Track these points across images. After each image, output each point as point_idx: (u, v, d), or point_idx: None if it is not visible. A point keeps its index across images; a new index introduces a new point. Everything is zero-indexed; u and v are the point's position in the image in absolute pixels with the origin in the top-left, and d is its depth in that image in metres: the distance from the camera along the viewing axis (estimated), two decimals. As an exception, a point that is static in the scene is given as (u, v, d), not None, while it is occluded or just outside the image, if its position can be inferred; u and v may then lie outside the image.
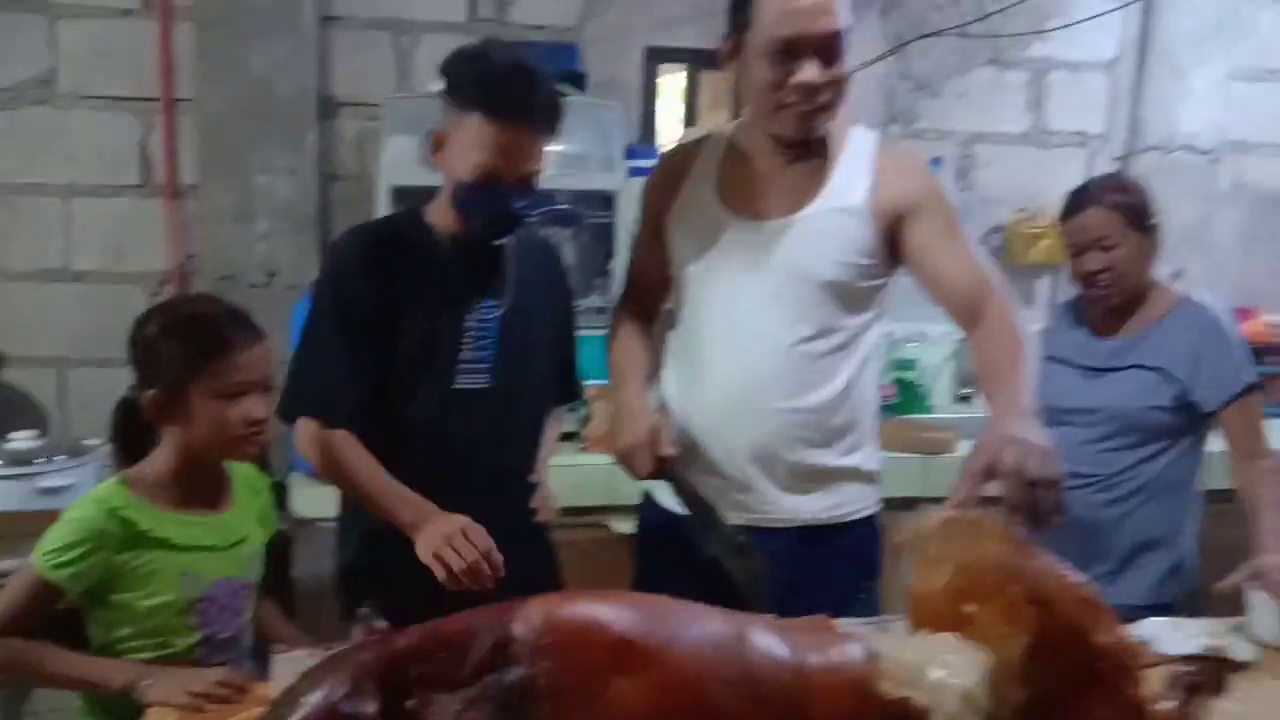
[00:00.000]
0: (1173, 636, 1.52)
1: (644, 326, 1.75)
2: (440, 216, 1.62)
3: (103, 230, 2.80)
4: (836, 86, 1.47)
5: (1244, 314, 3.42)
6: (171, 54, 2.74)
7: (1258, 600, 1.59)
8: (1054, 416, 2.02)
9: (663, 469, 1.54)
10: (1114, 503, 1.94)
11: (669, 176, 1.66)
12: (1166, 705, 1.14)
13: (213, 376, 1.41)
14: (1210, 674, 1.19)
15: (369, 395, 1.57)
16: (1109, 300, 1.96)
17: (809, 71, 1.44)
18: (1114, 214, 1.92)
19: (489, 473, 1.65)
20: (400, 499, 1.50)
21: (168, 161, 2.78)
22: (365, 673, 0.89)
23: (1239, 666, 1.30)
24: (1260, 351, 3.30)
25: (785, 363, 1.54)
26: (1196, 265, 3.42)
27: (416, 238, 1.62)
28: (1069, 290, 3.36)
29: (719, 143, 1.63)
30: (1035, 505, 1.13)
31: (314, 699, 0.87)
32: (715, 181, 1.60)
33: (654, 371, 1.71)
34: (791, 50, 1.43)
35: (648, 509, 1.74)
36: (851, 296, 1.54)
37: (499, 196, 1.54)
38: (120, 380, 2.77)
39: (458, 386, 1.60)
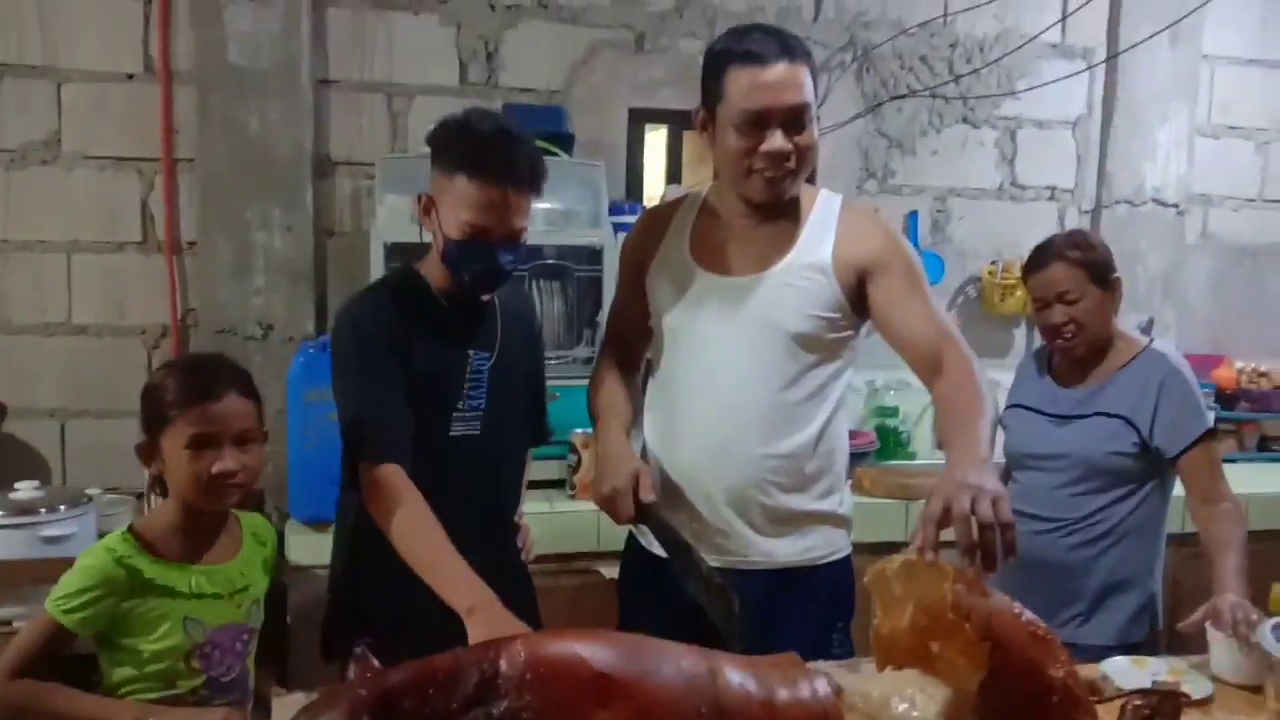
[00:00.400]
0: (1133, 673, 1.59)
1: (626, 374, 1.82)
2: (433, 273, 1.70)
3: (104, 285, 2.87)
4: (802, 154, 1.56)
5: (1214, 361, 3.51)
6: (173, 115, 2.84)
7: (1216, 638, 1.65)
8: (1022, 462, 2.11)
9: (643, 513, 1.58)
10: (1083, 545, 2.00)
11: (648, 233, 1.75)
12: (1120, 737, 1.21)
13: (178, 426, 1.48)
14: (1163, 707, 1.26)
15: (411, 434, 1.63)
16: (1074, 351, 2.04)
17: (775, 141, 1.53)
18: (1076, 269, 2.00)
19: (481, 517, 1.71)
20: (457, 577, 1.44)
21: (168, 218, 2.86)
22: (360, 707, 0.95)
23: (1191, 700, 1.36)
24: (1231, 397, 3.41)
25: (758, 411, 1.61)
26: (1168, 313, 3.52)
27: (417, 294, 1.70)
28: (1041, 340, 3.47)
29: (694, 203, 1.73)
30: (987, 547, 1.19)
31: (314, 732, 0.94)
32: (689, 239, 1.69)
33: (635, 418, 1.78)
34: (759, 122, 1.53)
35: (630, 551, 1.81)
36: (820, 347, 1.62)
37: (487, 252, 1.62)
38: (120, 431, 2.85)
39: (453, 434, 1.68)
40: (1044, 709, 1.10)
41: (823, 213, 1.65)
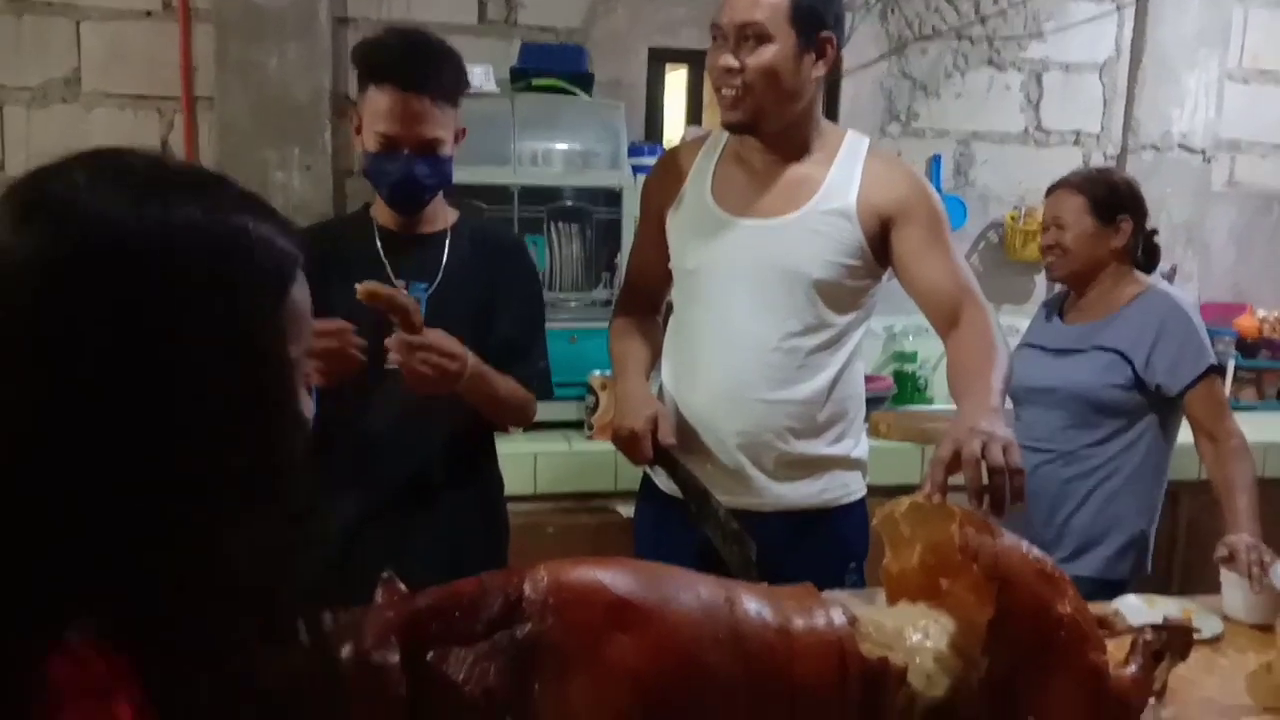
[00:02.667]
0: (1145, 611, 1.61)
1: (645, 318, 1.82)
2: (379, 208, 1.71)
3: (125, 225, 2.89)
4: (750, 80, 1.53)
5: (1236, 309, 3.49)
6: (191, 54, 2.83)
7: (1229, 579, 1.67)
8: (1020, 396, 2.15)
9: (661, 456, 1.60)
10: (1076, 479, 2.04)
11: (668, 175, 1.74)
12: (1131, 669, 1.23)
13: None
14: (1173, 642, 1.27)
15: None
16: (1052, 274, 2.15)
17: (718, 56, 1.54)
18: (1076, 197, 2.07)
19: (416, 451, 1.69)
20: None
21: (188, 157, 2.86)
22: (388, 628, 0.98)
23: (1202, 636, 1.38)
24: (1252, 346, 3.39)
25: (773, 358, 1.61)
26: (1190, 262, 3.49)
27: (354, 231, 1.71)
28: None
29: (717, 144, 1.71)
30: (996, 491, 1.20)
31: (344, 651, 0.96)
32: (711, 181, 1.68)
33: (655, 361, 1.79)
34: (716, 36, 1.55)
35: (645, 490, 1.83)
36: (840, 295, 1.61)
37: (400, 164, 1.59)
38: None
39: (389, 366, 1.56)
40: (1052, 645, 1.11)
41: (849, 156, 1.63)
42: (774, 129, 1.60)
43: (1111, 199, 2.08)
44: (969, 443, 1.22)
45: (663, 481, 1.73)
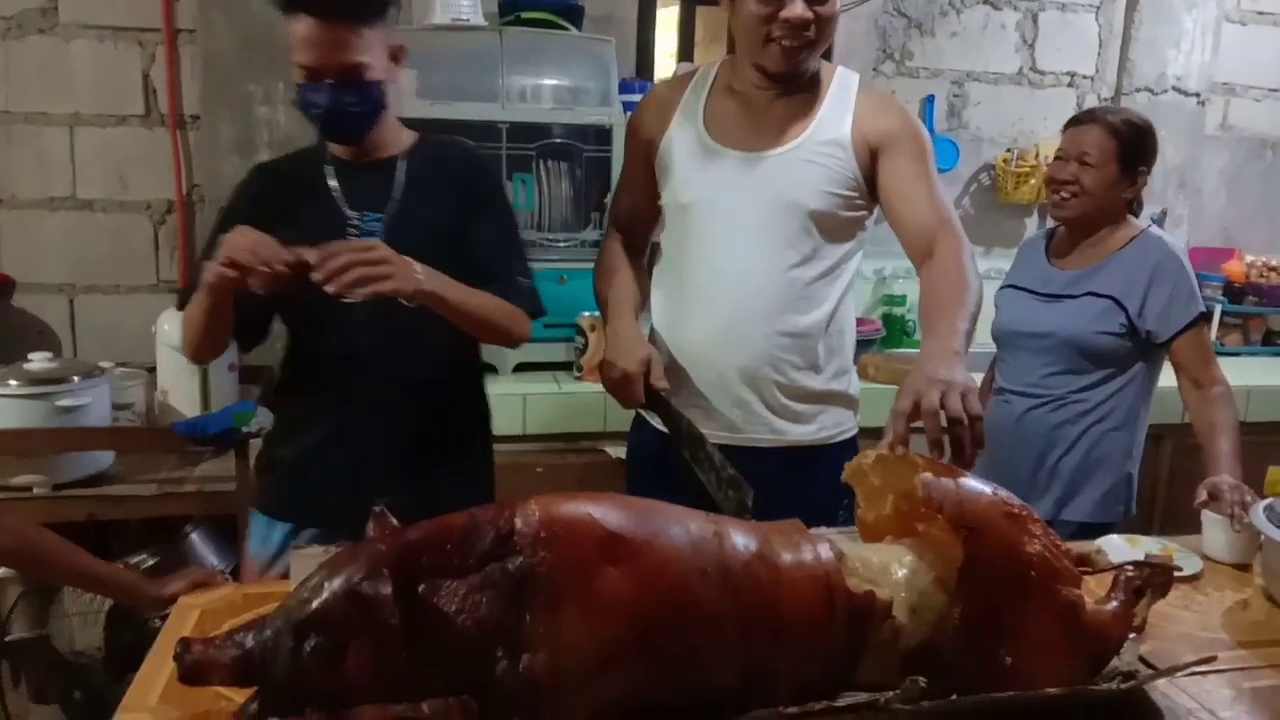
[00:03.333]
0: (1126, 549, 1.63)
1: (632, 259, 1.80)
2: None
3: (107, 159, 2.84)
4: (822, 24, 1.53)
5: (1224, 254, 3.50)
6: (172, -16, 2.77)
7: (1209, 518, 1.69)
8: (1010, 340, 2.14)
9: (653, 400, 1.59)
10: (1065, 423, 2.05)
11: (656, 111, 1.72)
12: (1112, 605, 1.25)
13: None
14: (1154, 579, 1.29)
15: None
16: (1059, 213, 2.06)
17: (796, 8, 1.50)
18: (1110, 139, 1.99)
19: (382, 383, 1.67)
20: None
21: (171, 92, 2.81)
22: (380, 560, 0.98)
23: (1180, 573, 1.40)
24: (1239, 291, 3.40)
25: (773, 289, 1.61)
26: (1181, 205, 3.49)
27: (307, 166, 1.68)
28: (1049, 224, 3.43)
29: (706, 78, 1.69)
30: (956, 441, 1.20)
31: (336, 583, 0.97)
32: (703, 115, 1.66)
33: (643, 303, 1.77)
34: None
35: (637, 430, 1.83)
36: (835, 226, 1.61)
37: (324, 93, 1.55)
38: (129, 307, 2.87)
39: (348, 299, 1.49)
40: (1024, 585, 1.12)
41: (841, 88, 1.63)
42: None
43: (1139, 148, 2.01)
44: (927, 394, 1.21)
45: (654, 418, 1.74)
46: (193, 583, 1.40)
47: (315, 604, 0.96)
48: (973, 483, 1.16)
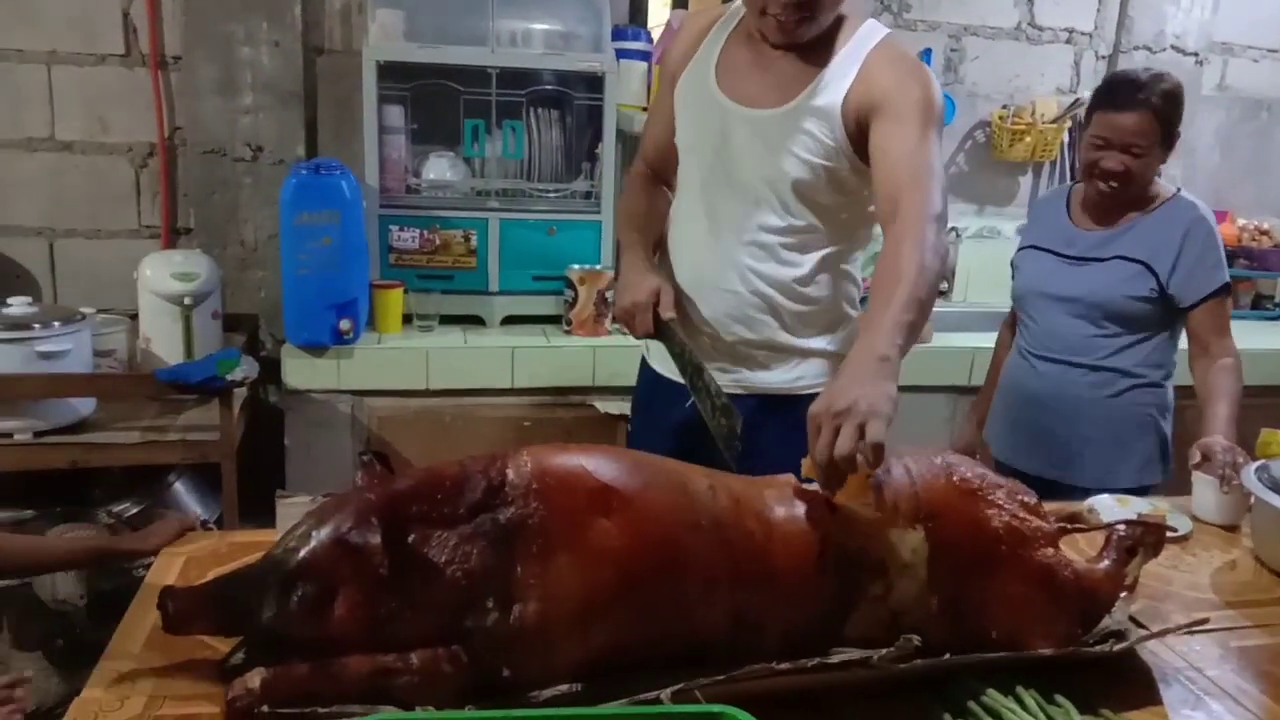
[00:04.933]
0: (1117, 510, 1.63)
1: (654, 188, 1.80)
2: None
3: (86, 100, 2.76)
4: (817, 3, 1.46)
5: (1217, 216, 3.47)
6: (152, -81, 2.68)
7: (1200, 479, 1.70)
8: (1036, 302, 2.07)
9: (661, 330, 1.61)
10: (1099, 386, 1.99)
11: (685, 43, 1.69)
12: (1104, 564, 1.25)
13: None
14: (1147, 537, 1.29)
15: None
16: (1109, 198, 1.96)
17: None
18: (1157, 125, 1.88)
19: None
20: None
21: (151, 32, 2.73)
22: (369, 509, 0.96)
23: (1174, 533, 1.40)
24: (1231, 255, 3.38)
25: (746, 249, 1.59)
26: (1174, 166, 3.45)
27: None
28: (1049, 187, 3.41)
29: (732, 19, 1.63)
30: (838, 478, 1.11)
31: (323, 532, 0.95)
32: (716, 61, 1.62)
33: (661, 233, 1.76)
34: None
35: (642, 372, 1.84)
36: (818, 196, 1.56)
37: None
38: (110, 251, 2.81)
39: None
40: (996, 560, 1.11)
41: (854, 50, 1.53)
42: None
43: (1178, 117, 1.91)
44: (824, 428, 1.11)
45: (656, 361, 1.74)
46: (174, 534, 1.38)
47: (303, 553, 0.95)
48: (927, 464, 1.14)
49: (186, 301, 2.38)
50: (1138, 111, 1.87)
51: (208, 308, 2.43)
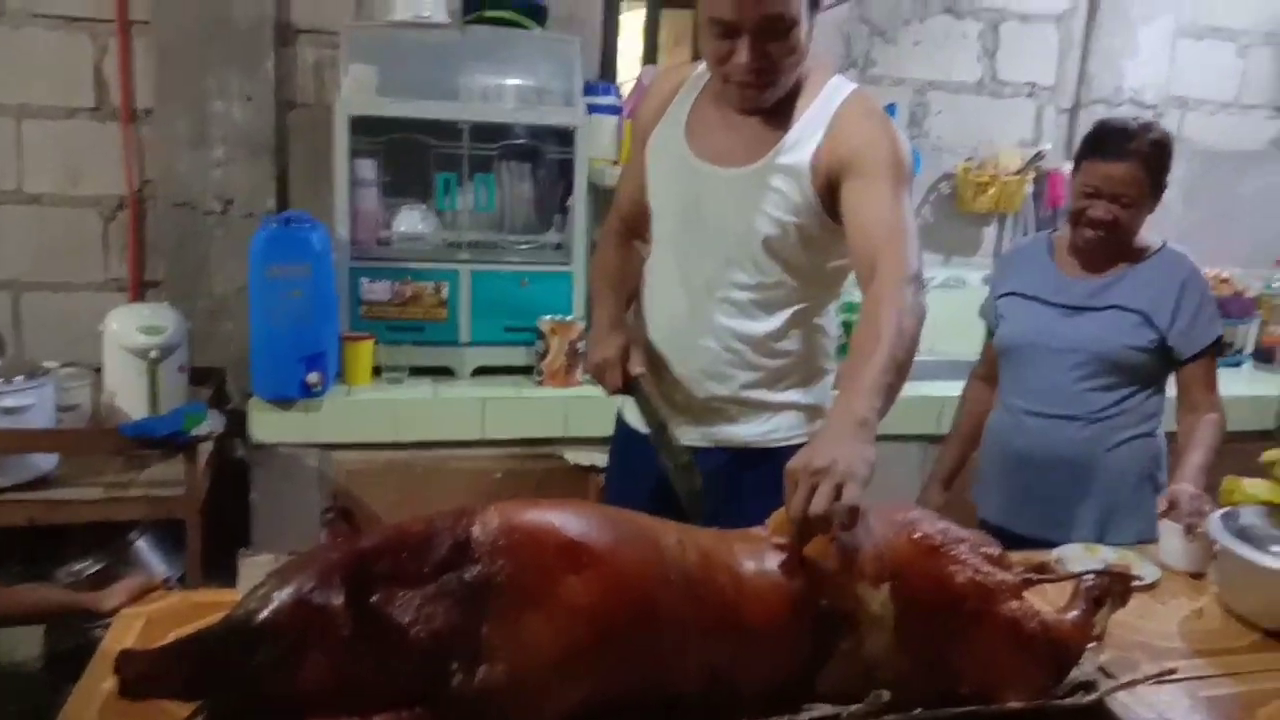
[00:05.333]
0: (1085, 559, 1.64)
1: (627, 244, 1.81)
2: None
3: (56, 153, 2.75)
4: (776, 65, 1.47)
5: (1179, 265, 3.54)
6: (126, -26, 2.70)
7: (1167, 527, 1.70)
8: (1025, 353, 2.01)
9: (630, 385, 1.62)
10: (1093, 440, 1.95)
11: (654, 100, 1.70)
12: (1073, 614, 1.25)
13: None
14: (1114, 588, 1.29)
15: None
16: (1098, 247, 1.93)
17: (741, 55, 1.44)
18: (1146, 174, 1.86)
19: None
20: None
21: (123, 85, 2.73)
22: (332, 569, 0.95)
23: (1140, 582, 1.41)
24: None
25: (716, 305, 1.60)
26: (1136, 217, 3.53)
27: None
28: (1014, 238, 3.47)
29: (701, 80, 1.65)
30: (810, 537, 1.11)
31: (285, 592, 0.94)
32: (686, 119, 1.63)
33: (635, 288, 1.76)
34: (727, 31, 1.44)
35: (618, 425, 1.84)
36: (790, 254, 1.57)
37: None
38: (77, 304, 2.79)
39: None
40: (962, 617, 1.11)
41: (821, 107, 1.54)
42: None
43: (1166, 166, 1.88)
44: (800, 488, 1.11)
45: (631, 414, 1.74)
46: (135, 593, 1.35)
47: (264, 614, 0.93)
48: (889, 523, 1.15)
49: (153, 355, 2.35)
50: (1126, 161, 1.85)
51: (174, 361, 2.41)
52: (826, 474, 1.10)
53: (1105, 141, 1.90)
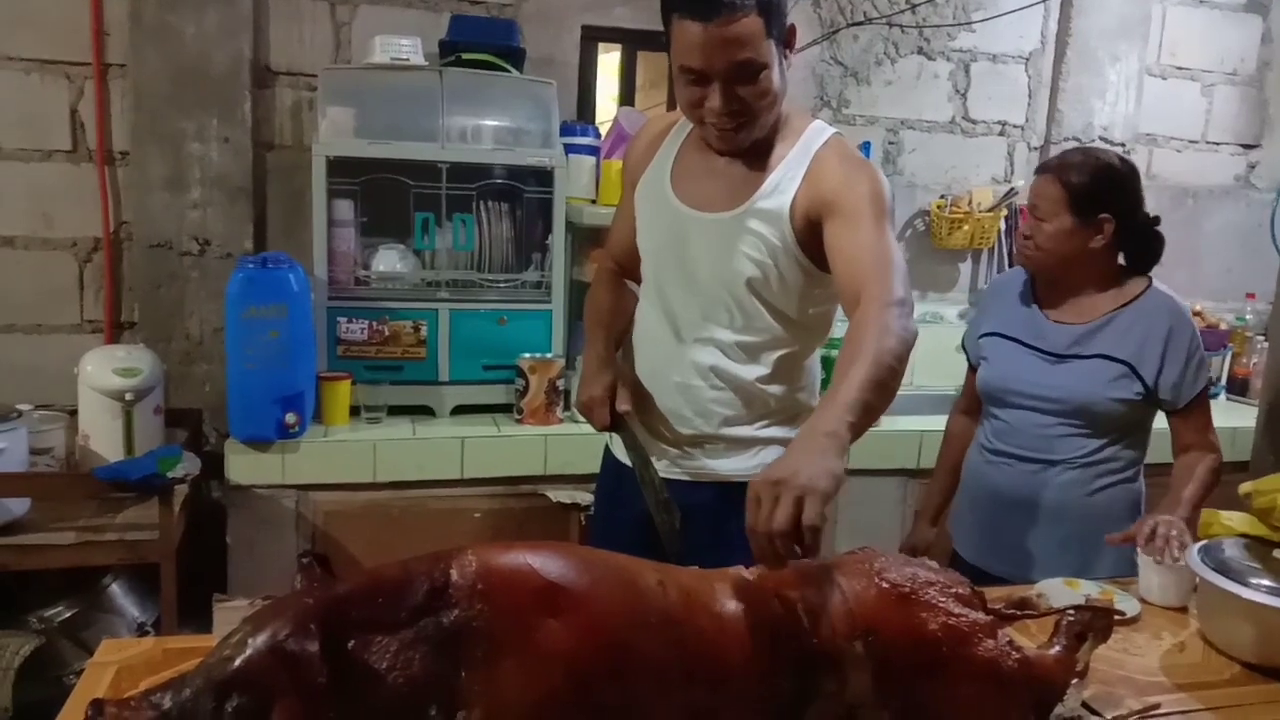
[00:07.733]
0: (1066, 593, 1.64)
1: (618, 283, 1.84)
2: None
3: (31, 195, 2.74)
4: (749, 108, 1.49)
5: (1151, 299, 3.59)
6: (103, 17, 2.70)
7: (1144, 561, 1.71)
8: (1007, 399, 1.98)
9: (618, 423, 1.65)
10: (1074, 485, 1.93)
11: (643, 146, 1.73)
12: (1055, 650, 1.25)
13: None
14: (1096, 623, 1.29)
15: None
16: (1027, 264, 1.96)
17: (714, 100, 1.47)
18: (1057, 190, 1.86)
19: None
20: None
21: (99, 127, 2.73)
22: (307, 615, 0.93)
23: (1121, 616, 1.41)
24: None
25: (703, 348, 1.62)
26: (1108, 252, 3.58)
27: None
28: (988, 274, 3.51)
29: (686, 126, 1.67)
30: (773, 554, 1.09)
31: (259, 639, 0.92)
32: (672, 164, 1.66)
33: (626, 326, 1.79)
34: (700, 79, 1.46)
35: (605, 458, 1.85)
36: (773, 297, 1.58)
37: None
38: (51, 348, 2.76)
39: None
40: (940, 663, 1.10)
41: (801, 152, 1.56)
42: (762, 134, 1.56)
43: (1092, 191, 1.85)
44: (762, 503, 1.10)
45: (618, 450, 1.76)
46: None
47: (238, 661, 0.91)
48: (856, 574, 1.12)
49: (128, 397, 2.33)
50: (1044, 175, 1.91)
51: (149, 403, 2.39)
52: (785, 486, 1.08)
53: (1041, 164, 1.99)
